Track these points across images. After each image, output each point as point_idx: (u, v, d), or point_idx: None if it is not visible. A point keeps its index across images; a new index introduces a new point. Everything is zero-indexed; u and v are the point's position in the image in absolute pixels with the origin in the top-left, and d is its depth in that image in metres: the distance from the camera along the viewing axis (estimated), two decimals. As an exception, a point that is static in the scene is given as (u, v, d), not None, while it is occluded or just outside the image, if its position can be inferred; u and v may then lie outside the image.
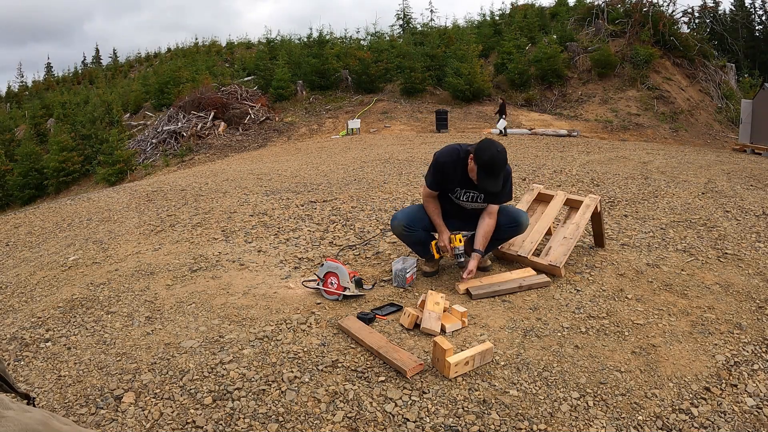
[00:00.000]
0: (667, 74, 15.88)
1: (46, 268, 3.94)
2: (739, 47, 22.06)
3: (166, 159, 13.05)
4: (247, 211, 5.17)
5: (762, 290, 2.98)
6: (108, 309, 3.00)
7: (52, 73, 37.63)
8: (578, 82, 16.46)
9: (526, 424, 1.90)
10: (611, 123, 14.06)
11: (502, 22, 20.84)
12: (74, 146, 14.17)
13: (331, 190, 6.00)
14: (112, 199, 6.70)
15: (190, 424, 1.94)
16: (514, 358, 2.31)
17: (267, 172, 7.89)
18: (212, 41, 31.01)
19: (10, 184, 14.53)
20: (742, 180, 6.26)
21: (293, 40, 22.83)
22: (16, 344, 2.63)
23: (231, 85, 16.85)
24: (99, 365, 2.37)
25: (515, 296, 2.96)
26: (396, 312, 2.77)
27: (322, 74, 17.78)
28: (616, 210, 4.76)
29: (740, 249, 3.65)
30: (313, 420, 1.94)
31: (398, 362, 2.21)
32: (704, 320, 2.65)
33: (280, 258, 3.73)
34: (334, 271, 2.96)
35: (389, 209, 4.90)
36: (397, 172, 6.98)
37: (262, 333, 2.57)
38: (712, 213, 4.59)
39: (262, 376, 2.20)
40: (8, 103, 29.21)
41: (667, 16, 16.62)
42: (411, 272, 3.13)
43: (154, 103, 19.32)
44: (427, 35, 20.83)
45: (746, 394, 2.07)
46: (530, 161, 7.61)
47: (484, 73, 16.41)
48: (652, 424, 1.91)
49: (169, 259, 3.83)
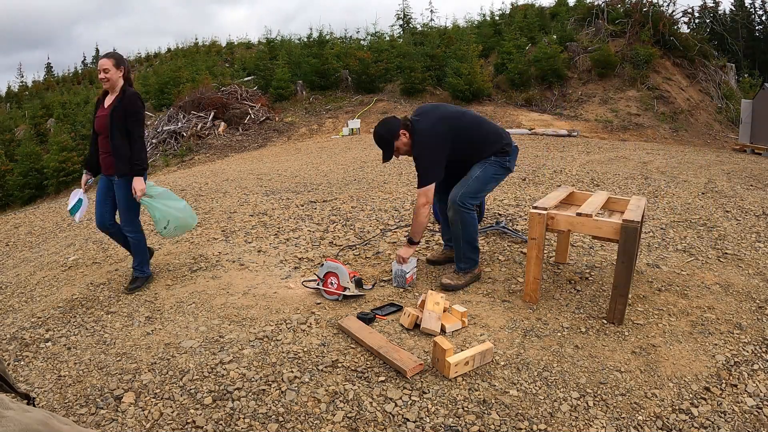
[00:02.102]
0: (667, 74, 15.88)
1: (46, 268, 3.94)
2: (739, 47, 22.06)
3: (166, 159, 13.05)
4: (247, 211, 5.17)
5: (762, 290, 2.98)
6: (108, 309, 3.00)
7: (52, 74, 37.63)
8: (578, 82, 16.46)
9: (526, 424, 1.90)
10: (611, 123, 14.07)
11: (502, 22, 20.82)
12: (74, 146, 14.16)
13: (331, 190, 6.00)
14: (112, 199, 6.70)
15: (190, 424, 1.94)
16: (514, 358, 2.31)
17: (267, 172, 7.88)
18: (212, 41, 31.00)
19: (10, 184, 14.52)
20: (742, 180, 6.26)
21: (293, 40, 22.82)
22: (16, 344, 2.63)
23: (231, 85, 16.84)
24: (99, 365, 2.37)
25: (515, 296, 2.96)
26: (396, 312, 2.77)
27: (322, 74, 17.77)
28: (616, 210, 4.76)
29: (740, 249, 3.65)
30: (313, 420, 1.94)
31: (398, 362, 2.21)
32: (704, 320, 2.65)
33: (280, 258, 3.73)
34: (334, 271, 2.96)
35: (389, 209, 4.90)
36: (397, 172, 6.98)
37: (262, 333, 2.57)
38: (712, 213, 4.59)
39: (262, 376, 2.20)
40: (8, 103, 29.22)
41: (667, 16, 16.61)
42: (411, 272, 3.13)
43: (154, 104, 19.31)
44: (427, 35, 20.82)
45: (746, 394, 2.07)
46: (530, 161, 7.61)
47: (484, 73, 16.40)
48: (652, 424, 1.91)
49: (169, 259, 3.83)
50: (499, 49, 17.55)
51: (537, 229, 2.74)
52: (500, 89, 16.75)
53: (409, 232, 3.16)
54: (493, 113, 14.91)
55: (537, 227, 2.75)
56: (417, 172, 2.99)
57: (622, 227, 2.51)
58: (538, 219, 2.74)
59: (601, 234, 2.63)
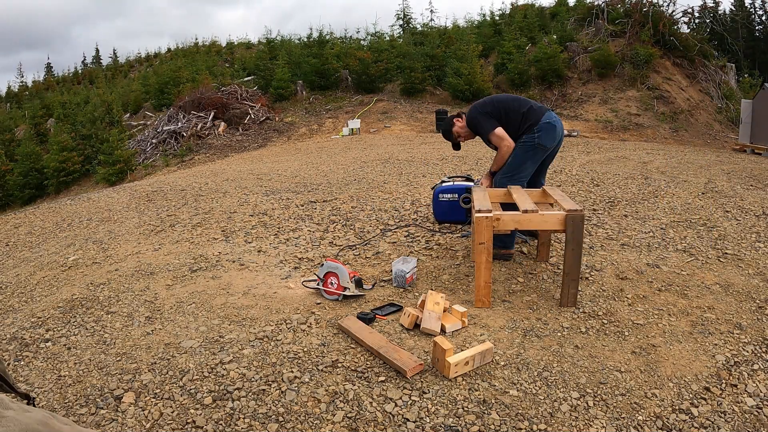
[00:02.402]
0: (667, 74, 15.88)
1: (46, 268, 3.94)
2: (739, 47, 22.04)
3: (166, 159, 13.05)
4: (247, 211, 5.17)
5: (762, 290, 2.98)
6: (108, 309, 3.00)
7: (52, 73, 37.61)
8: (578, 82, 16.46)
9: (526, 424, 1.90)
10: (611, 123, 14.07)
11: (502, 22, 20.81)
12: (74, 146, 14.15)
13: (331, 190, 6.00)
14: (112, 199, 6.70)
15: (190, 424, 1.94)
16: (514, 358, 2.31)
17: (267, 172, 7.89)
18: (212, 41, 30.99)
19: (10, 184, 14.52)
20: (742, 180, 6.26)
21: (293, 40, 22.82)
22: (16, 344, 2.63)
23: (231, 85, 16.83)
24: (99, 365, 2.37)
25: (515, 296, 2.96)
26: (396, 312, 2.77)
27: (322, 74, 17.77)
28: (616, 210, 4.75)
29: (740, 249, 3.65)
30: (313, 420, 1.94)
31: (398, 362, 2.21)
32: (704, 320, 2.65)
33: (280, 258, 3.73)
34: (334, 271, 2.96)
35: (389, 209, 4.90)
36: (397, 172, 6.98)
37: (262, 333, 2.57)
38: (712, 213, 4.59)
39: (262, 376, 2.20)
40: (8, 103, 29.20)
41: (667, 16, 16.60)
42: (411, 272, 3.13)
43: (154, 103, 19.31)
44: (427, 35, 20.81)
45: (746, 394, 2.07)
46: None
47: (484, 73, 16.40)
48: (652, 424, 1.91)
49: (169, 259, 3.83)
50: (499, 49, 17.55)
51: (485, 233, 2.74)
52: (500, 89, 16.75)
53: (491, 167, 3.68)
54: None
55: (485, 231, 2.75)
56: (481, 136, 3.59)
57: (568, 217, 2.67)
58: (486, 223, 2.74)
59: (548, 227, 2.79)
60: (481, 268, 2.77)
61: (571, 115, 15.00)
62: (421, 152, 9.10)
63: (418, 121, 14.72)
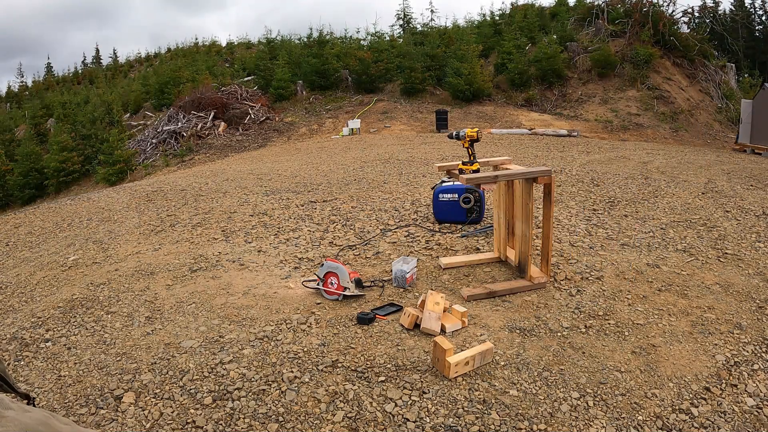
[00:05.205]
0: (667, 74, 15.87)
1: (46, 268, 3.94)
2: (739, 47, 22.05)
3: (166, 159, 13.05)
4: (247, 211, 5.17)
5: (762, 290, 2.98)
6: (108, 309, 3.00)
7: (52, 73, 37.60)
8: (578, 82, 16.45)
9: (526, 424, 1.90)
10: (611, 123, 14.06)
11: (502, 22, 20.81)
12: (74, 146, 14.16)
13: (331, 190, 6.00)
14: (112, 199, 6.70)
15: (190, 424, 1.94)
16: (514, 358, 2.31)
17: (267, 172, 7.89)
18: (212, 41, 31.01)
19: (10, 184, 14.52)
20: (742, 180, 6.26)
21: (293, 40, 22.83)
22: (16, 344, 2.63)
23: (231, 85, 16.84)
24: (99, 365, 2.37)
25: (515, 296, 2.96)
26: (396, 312, 2.77)
27: (322, 74, 17.78)
28: (616, 210, 4.75)
29: (740, 249, 3.65)
30: (313, 420, 1.94)
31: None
32: (704, 320, 2.65)
33: (280, 258, 3.73)
34: (334, 271, 2.96)
35: (389, 209, 4.90)
36: (397, 172, 6.98)
37: (262, 333, 2.57)
38: (712, 213, 4.59)
39: (262, 376, 2.20)
40: (8, 103, 29.21)
41: (667, 16, 16.61)
42: (411, 272, 3.13)
43: (154, 103, 19.31)
44: (427, 35, 20.82)
45: (746, 394, 2.07)
46: (530, 161, 7.61)
47: (484, 73, 16.40)
48: (652, 424, 1.91)
49: (169, 259, 3.83)
50: (499, 49, 17.55)
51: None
52: (500, 89, 16.75)
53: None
54: (493, 113, 14.91)
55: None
56: None
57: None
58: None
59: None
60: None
61: (571, 115, 15.00)
62: (421, 152, 9.10)
63: (418, 121, 14.72)
